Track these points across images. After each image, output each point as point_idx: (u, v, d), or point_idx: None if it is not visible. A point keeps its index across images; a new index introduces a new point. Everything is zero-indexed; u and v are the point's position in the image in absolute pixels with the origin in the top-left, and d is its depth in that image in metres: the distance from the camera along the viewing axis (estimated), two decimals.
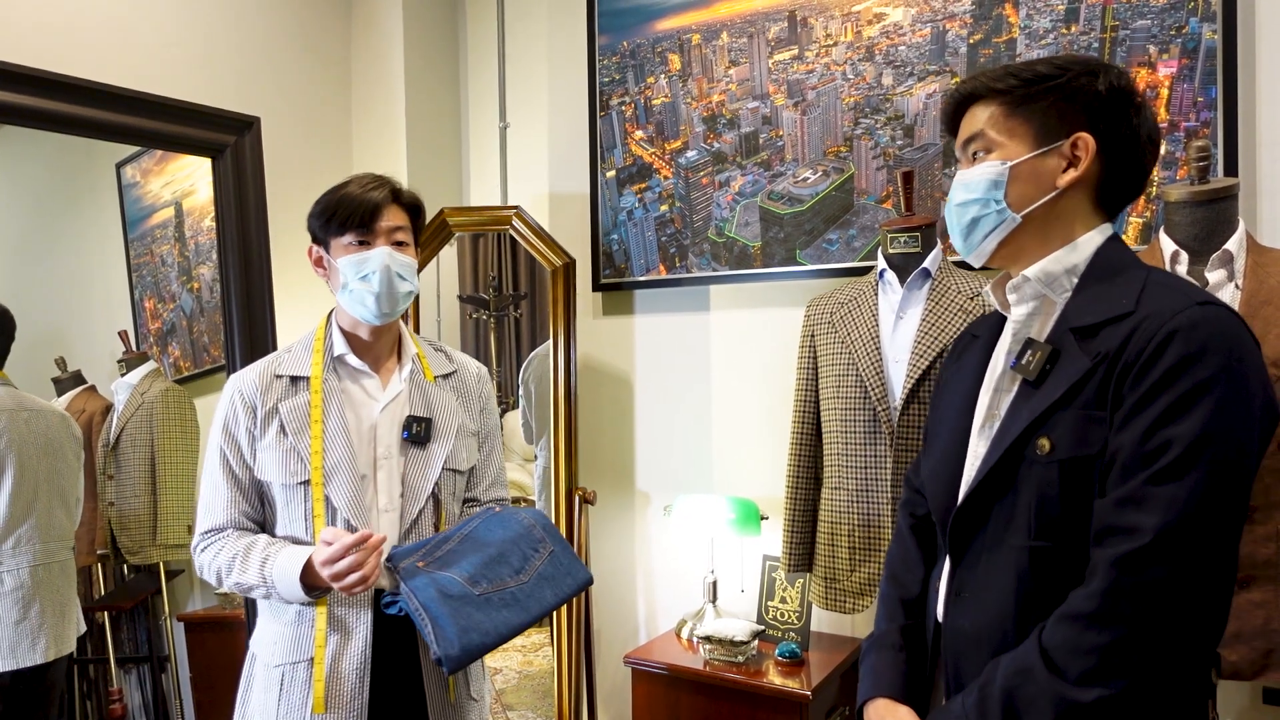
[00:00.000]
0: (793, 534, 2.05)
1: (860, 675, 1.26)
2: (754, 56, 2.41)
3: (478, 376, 1.73)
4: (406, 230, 1.57)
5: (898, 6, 2.20)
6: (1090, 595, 0.96)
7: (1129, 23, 1.94)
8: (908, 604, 1.26)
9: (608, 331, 2.77)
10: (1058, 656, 0.97)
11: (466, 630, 1.36)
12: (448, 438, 1.59)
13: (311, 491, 1.48)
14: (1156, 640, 0.94)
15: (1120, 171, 1.12)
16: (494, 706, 2.67)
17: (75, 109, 2.05)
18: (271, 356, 1.60)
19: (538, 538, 1.56)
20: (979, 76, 1.15)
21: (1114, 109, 1.09)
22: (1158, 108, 1.91)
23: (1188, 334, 0.96)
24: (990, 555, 1.09)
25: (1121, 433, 0.98)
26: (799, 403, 2.05)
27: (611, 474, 2.76)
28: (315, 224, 1.57)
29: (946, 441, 1.20)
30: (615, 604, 2.77)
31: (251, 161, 2.41)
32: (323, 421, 1.51)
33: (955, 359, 1.29)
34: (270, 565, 1.44)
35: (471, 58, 3.03)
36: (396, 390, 1.58)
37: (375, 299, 1.50)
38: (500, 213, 2.57)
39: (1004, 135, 1.12)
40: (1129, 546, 0.94)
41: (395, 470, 1.54)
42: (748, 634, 2.16)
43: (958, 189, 1.16)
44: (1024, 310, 1.15)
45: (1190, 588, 0.93)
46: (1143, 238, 1.93)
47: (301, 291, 2.72)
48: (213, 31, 2.46)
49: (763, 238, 2.40)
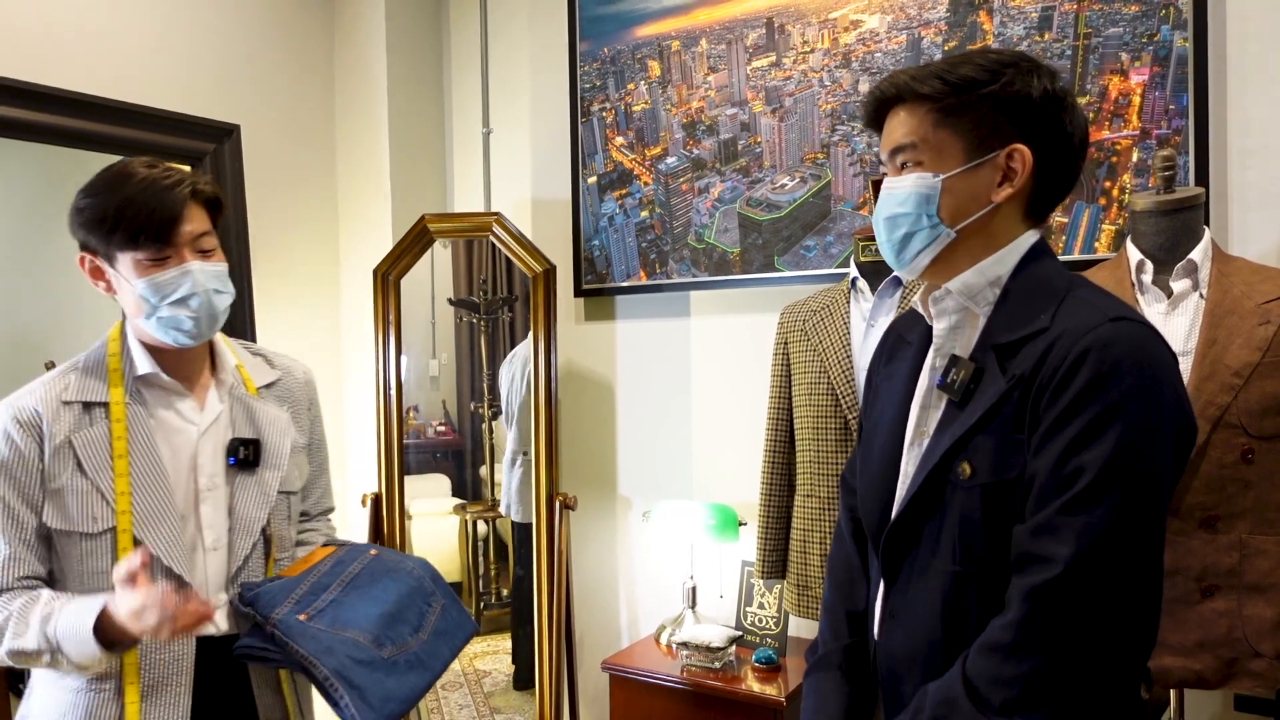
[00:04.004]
0: (766, 540, 2.06)
1: (804, 695, 1.26)
2: (732, 63, 2.41)
3: (304, 381, 1.53)
4: (211, 234, 1.31)
5: (874, 13, 2.20)
6: (1007, 626, 0.96)
7: (1101, 30, 1.94)
8: (852, 618, 1.24)
9: (589, 337, 2.77)
10: (981, 686, 0.96)
11: (386, 700, 1.25)
12: (279, 459, 1.40)
13: (118, 539, 1.25)
14: (1074, 668, 0.93)
15: (1052, 178, 1.07)
16: (482, 709, 2.69)
17: (54, 119, 2.07)
18: (51, 378, 1.30)
19: (429, 590, 1.45)
20: (902, 75, 1.08)
21: (1047, 114, 1.04)
22: (1130, 115, 1.91)
23: (1099, 353, 0.94)
24: (919, 578, 1.08)
25: (1037, 458, 0.97)
26: (772, 410, 2.06)
27: (593, 479, 2.77)
28: (88, 233, 1.26)
29: (878, 458, 1.18)
30: (597, 609, 2.78)
31: (231, 169, 2.42)
32: (128, 456, 1.27)
33: (885, 361, 1.25)
34: (53, 624, 1.18)
35: (454, 64, 3.03)
36: (216, 410, 1.37)
37: (194, 323, 1.28)
38: (481, 219, 2.58)
39: (932, 145, 1.06)
40: (1042, 577, 0.94)
41: (221, 502, 1.34)
42: (724, 640, 2.17)
43: (886, 201, 1.10)
44: (945, 324, 1.12)
45: (1105, 615, 0.93)
46: (1115, 245, 1.93)
47: (281, 297, 2.73)
48: (193, 40, 2.48)
49: (742, 244, 2.40)
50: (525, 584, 2.59)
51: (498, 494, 2.78)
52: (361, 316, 2.86)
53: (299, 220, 2.80)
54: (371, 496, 2.53)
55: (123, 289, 1.28)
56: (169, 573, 1.28)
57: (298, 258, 2.79)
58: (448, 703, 2.70)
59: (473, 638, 1.48)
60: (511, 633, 2.77)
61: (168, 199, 1.24)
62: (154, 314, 1.27)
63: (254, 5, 2.64)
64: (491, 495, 2.81)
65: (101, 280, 1.31)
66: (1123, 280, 1.62)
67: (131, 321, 1.34)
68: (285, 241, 2.75)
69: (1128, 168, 1.92)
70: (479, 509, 2.83)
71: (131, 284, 1.26)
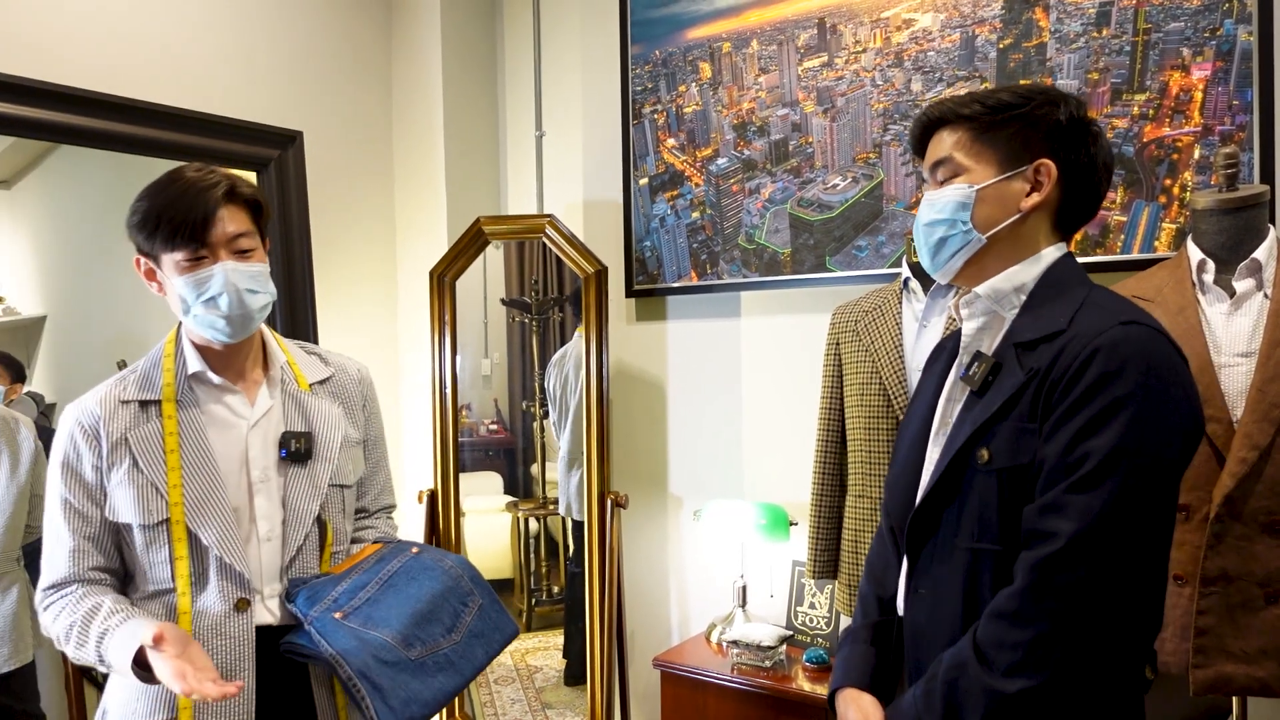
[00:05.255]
0: (818, 540, 2.06)
1: (834, 667, 1.34)
2: (784, 64, 2.42)
3: (358, 378, 1.56)
4: (250, 234, 1.34)
5: (927, 12, 2.19)
6: (1013, 595, 1.05)
7: (1162, 25, 1.90)
8: (883, 601, 1.33)
9: (640, 337, 2.80)
10: (988, 651, 1.05)
11: (408, 703, 1.26)
12: (331, 451, 1.43)
13: (172, 530, 1.30)
14: (1075, 636, 1.01)
15: (1078, 196, 1.17)
16: (533, 703, 2.73)
17: (127, 128, 2.16)
18: (114, 379, 1.38)
19: (466, 590, 1.45)
20: (945, 103, 1.20)
21: (1073, 137, 1.15)
22: (1191, 111, 1.88)
23: (1108, 352, 1.03)
24: (941, 558, 1.16)
25: (1048, 444, 1.05)
26: (824, 410, 2.06)
27: (644, 478, 2.79)
28: (139, 235, 1.32)
29: (906, 449, 1.27)
30: (647, 606, 2.81)
31: (295, 174, 2.49)
32: (179, 450, 1.32)
33: (927, 369, 1.35)
34: (107, 644, 1.24)
35: (508, 69, 3.08)
36: (266, 405, 1.41)
37: (226, 321, 1.32)
38: (535, 221, 2.62)
39: (971, 160, 1.17)
40: (1047, 550, 1.02)
41: (275, 494, 1.37)
42: (775, 639, 2.18)
43: (925, 209, 1.21)
44: (974, 325, 1.21)
45: (1105, 588, 1.00)
46: (1175, 244, 1.89)
47: (341, 298, 2.81)
48: (257, 50, 2.56)
49: (792, 244, 2.41)
50: (580, 581, 2.62)
51: (549, 492, 2.82)
52: (417, 317, 2.92)
53: (358, 223, 2.87)
54: (427, 493, 2.58)
55: (168, 288, 1.34)
56: (221, 563, 1.31)
57: (357, 259, 2.87)
58: (500, 696, 2.74)
59: (513, 640, 1.47)
60: (564, 629, 2.81)
61: (203, 200, 1.29)
62: (189, 312, 1.32)
63: (316, 16, 2.71)
64: (543, 493, 2.85)
65: (154, 281, 1.36)
66: (1183, 280, 1.59)
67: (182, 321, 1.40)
68: (345, 244, 2.82)
69: (1189, 165, 1.88)
70: (530, 506, 2.87)
71: (172, 283, 1.31)
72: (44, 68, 2.06)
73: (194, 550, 1.31)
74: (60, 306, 2.55)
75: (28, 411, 2.27)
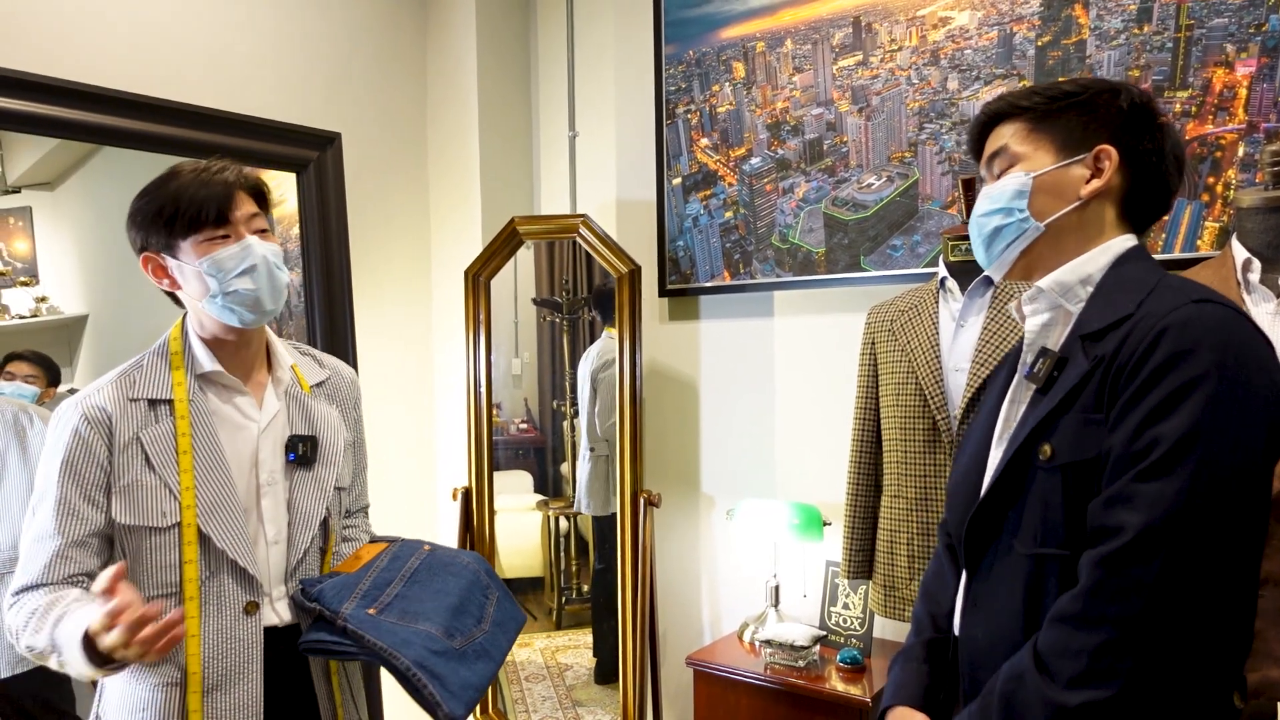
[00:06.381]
0: (852, 541, 2.06)
1: (886, 685, 1.28)
2: (818, 63, 2.41)
3: (350, 381, 1.57)
4: (262, 216, 1.36)
5: (964, 10, 2.18)
6: (1076, 596, 0.96)
7: (1205, 21, 1.88)
8: (936, 619, 1.26)
9: (673, 336, 2.80)
10: (1049, 660, 0.96)
11: (464, 688, 1.29)
12: (335, 455, 1.45)
13: (184, 533, 1.28)
14: (1147, 643, 0.90)
15: (1144, 186, 1.12)
16: (564, 701, 2.74)
17: (169, 130, 2.19)
18: (117, 375, 1.34)
19: (485, 584, 1.49)
20: (1005, 97, 1.17)
21: (1136, 124, 1.10)
22: (1235, 108, 1.85)
23: (1178, 331, 0.95)
24: (1001, 565, 1.09)
25: (1114, 433, 0.97)
26: (859, 410, 2.06)
27: (676, 477, 2.80)
28: (148, 231, 1.31)
29: (969, 455, 1.21)
30: (679, 605, 2.81)
31: (334, 175, 2.53)
32: (192, 451, 1.30)
33: (991, 381, 1.30)
34: (61, 625, 1.17)
35: (542, 70, 3.10)
36: (275, 408, 1.41)
37: (257, 297, 1.31)
38: (568, 221, 2.63)
39: (1028, 148, 1.13)
40: (1114, 545, 0.93)
41: (280, 496, 1.38)
42: (809, 639, 2.17)
43: (982, 201, 1.16)
44: (1038, 321, 1.14)
45: (1180, 588, 0.90)
46: (1218, 242, 1.87)
47: (377, 298, 2.84)
48: (297, 54, 2.59)
49: (827, 244, 2.40)
50: (606, 578, 2.63)
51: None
52: (451, 316, 2.95)
53: (394, 223, 2.90)
54: (462, 491, 2.60)
55: (186, 277, 1.31)
56: (233, 566, 1.32)
57: (393, 259, 2.90)
58: (531, 694, 2.75)
59: (523, 627, 1.52)
60: (593, 627, 2.82)
61: (219, 182, 1.30)
62: (218, 292, 1.29)
63: (354, 20, 2.75)
64: (573, 492, 2.86)
65: (165, 278, 1.35)
66: (1228, 279, 1.57)
67: (193, 314, 1.38)
68: (381, 243, 2.85)
69: (1232, 162, 1.86)
70: (561, 505, 2.88)
71: (194, 265, 1.29)
72: (87, 71, 2.10)
73: (205, 552, 1.30)
74: (101, 306, 2.60)
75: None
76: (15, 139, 2.42)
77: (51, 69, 2.02)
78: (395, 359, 2.90)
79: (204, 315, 1.35)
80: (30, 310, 2.52)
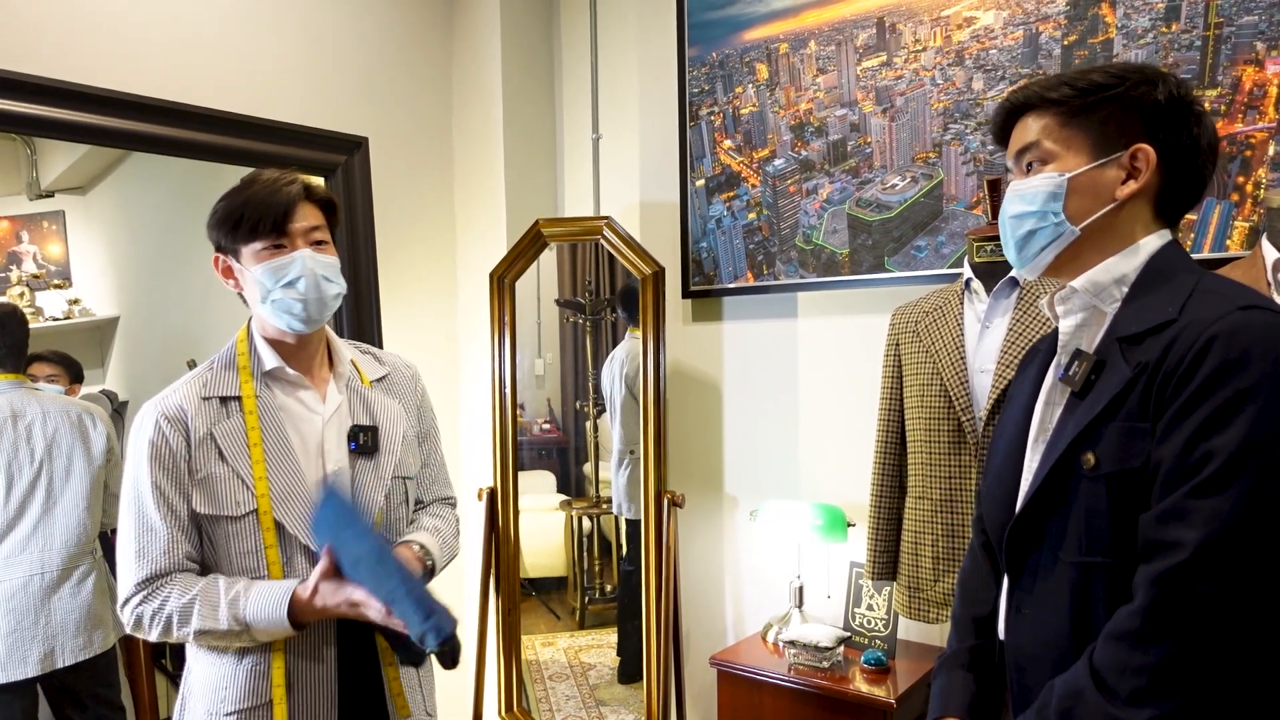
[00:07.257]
0: (876, 542, 2.06)
1: (931, 695, 1.27)
2: (842, 64, 2.41)
3: (410, 376, 1.65)
4: (324, 229, 1.45)
5: (989, 9, 2.17)
6: (1134, 613, 0.95)
7: (1234, 19, 1.86)
8: (979, 622, 1.24)
9: (697, 338, 2.81)
10: (1108, 677, 0.95)
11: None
12: (394, 444, 1.52)
13: (260, 520, 1.37)
14: (1207, 658, 0.90)
15: (1180, 181, 1.09)
16: (588, 700, 2.75)
17: (198, 136, 2.23)
18: (190, 378, 1.44)
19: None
20: (1031, 86, 1.13)
21: (1174, 118, 1.06)
22: (1265, 107, 1.83)
23: (1228, 340, 0.93)
24: (1046, 572, 1.08)
25: (1163, 445, 0.96)
26: (883, 412, 2.06)
27: (700, 478, 2.81)
28: (219, 232, 1.41)
29: (1002, 457, 1.19)
30: (703, 605, 2.82)
31: (360, 179, 2.56)
32: (262, 444, 1.39)
33: (1020, 373, 1.27)
34: (242, 606, 1.32)
35: (565, 73, 3.12)
36: (337, 401, 1.49)
37: (303, 306, 1.39)
38: (592, 223, 2.65)
39: (1060, 146, 1.09)
40: (1170, 562, 0.92)
41: (345, 484, 1.46)
42: (833, 640, 2.17)
43: (1013, 200, 1.13)
44: (1072, 322, 1.12)
45: (1239, 603, 0.90)
46: (1248, 242, 1.85)
47: (404, 299, 2.86)
48: (324, 59, 2.62)
49: (850, 245, 2.40)
50: (633, 579, 2.64)
51: (602, 491, 2.85)
52: (476, 317, 2.97)
53: (420, 225, 2.93)
54: (487, 490, 2.62)
55: (246, 280, 1.41)
56: (306, 549, 1.39)
57: (418, 261, 2.92)
58: (555, 693, 2.77)
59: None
60: (618, 627, 2.83)
61: (283, 195, 1.38)
62: (269, 297, 1.38)
63: (380, 25, 2.77)
64: (596, 492, 2.87)
65: (231, 278, 1.45)
66: (1258, 279, 1.56)
67: (255, 317, 1.47)
68: (407, 245, 2.88)
69: (1263, 162, 1.84)
70: (584, 505, 2.90)
71: (251, 271, 1.38)
72: (117, 78, 2.13)
73: (281, 538, 1.38)
74: (133, 307, 2.65)
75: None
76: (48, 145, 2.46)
77: (82, 77, 2.06)
78: (421, 360, 2.90)
79: (263, 317, 1.44)
80: (64, 312, 2.56)
